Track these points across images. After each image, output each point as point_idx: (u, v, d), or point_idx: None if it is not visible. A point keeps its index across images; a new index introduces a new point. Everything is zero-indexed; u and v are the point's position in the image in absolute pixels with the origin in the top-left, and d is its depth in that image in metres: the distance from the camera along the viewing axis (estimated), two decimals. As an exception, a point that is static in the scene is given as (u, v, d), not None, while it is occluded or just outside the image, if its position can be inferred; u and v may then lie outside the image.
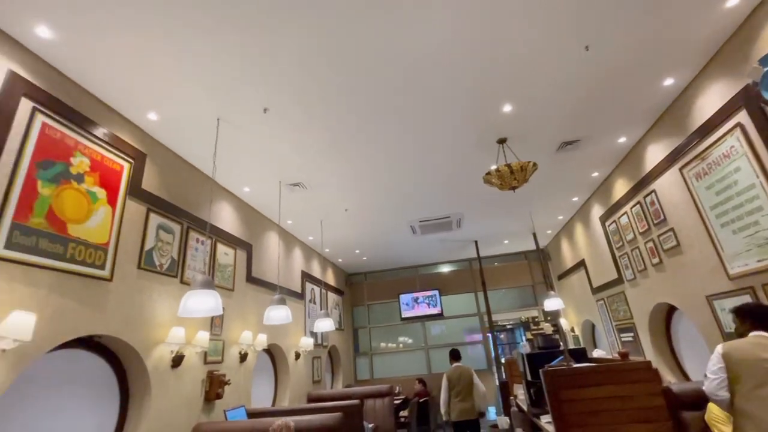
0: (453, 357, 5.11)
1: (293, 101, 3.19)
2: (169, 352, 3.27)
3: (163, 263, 3.41)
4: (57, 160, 2.56)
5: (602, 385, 2.34)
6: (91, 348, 2.84)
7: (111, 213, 2.92)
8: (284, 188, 4.74)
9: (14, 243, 2.22)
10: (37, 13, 2.25)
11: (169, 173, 3.66)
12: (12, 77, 2.35)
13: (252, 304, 4.80)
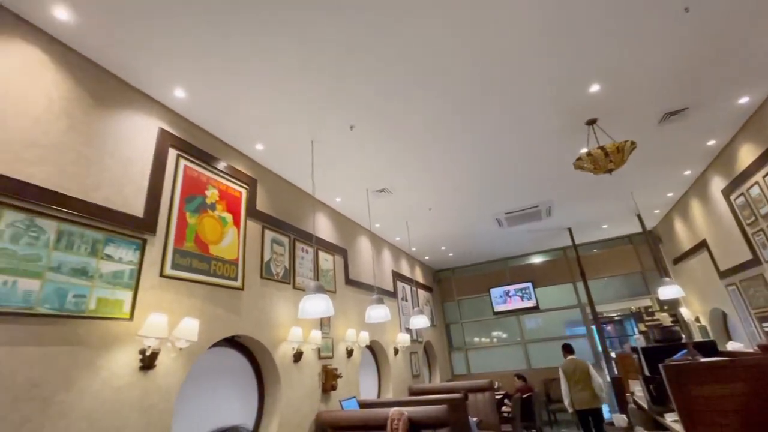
0: (566, 350, 5.35)
1: (375, 114, 3.43)
2: (291, 348, 3.77)
3: (279, 272, 3.93)
4: (197, 194, 3.16)
5: (737, 382, 2.12)
6: (234, 346, 3.42)
7: (237, 233, 3.48)
8: (371, 195, 5.06)
9: (176, 264, 2.81)
10: (176, 80, 2.82)
11: (275, 194, 4.20)
12: (161, 134, 2.96)
13: (352, 304, 5.21)
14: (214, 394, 3.13)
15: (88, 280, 2.22)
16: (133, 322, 2.39)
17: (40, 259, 2.03)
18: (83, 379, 2.09)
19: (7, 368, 1.81)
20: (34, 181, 2.09)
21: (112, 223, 2.42)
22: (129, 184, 2.62)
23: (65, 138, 2.31)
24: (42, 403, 1.90)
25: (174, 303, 2.69)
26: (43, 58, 2.31)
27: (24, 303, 1.93)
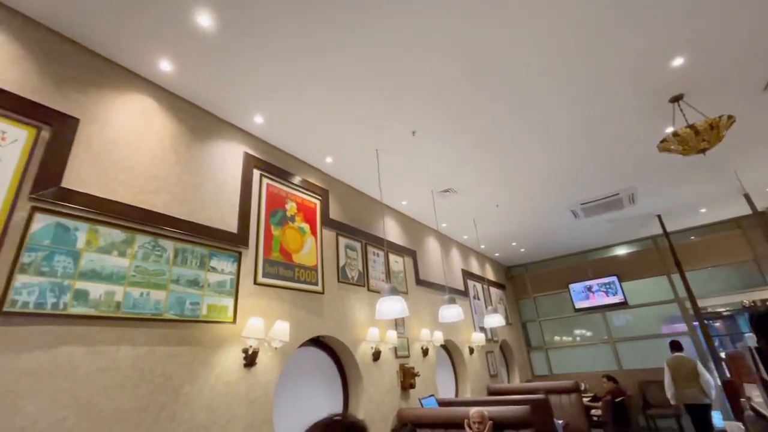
0: (674, 347, 5.26)
1: (436, 117, 3.49)
2: (370, 348, 3.97)
3: (353, 275, 4.16)
4: (279, 208, 3.49)
5: None
6: (319, 345, 3.70)
7: (314, 241, 3.77)
8: (436, 196, 5.10)
9: (266, 272, 3.14)
10: (255, 109, 3.16)
11: (346, 202, 4.45)
12: (246, 157, 3.34)
13: (423, 304, 5.30)
14: (305, 389, 3.42)
15: (199, 289, 2.60)
16: (236, 325, 2.73)
17: (163, 273, 2.44)
18: (202, 374, 2.45)
19: (148, 364, 2.21)
20: (155, 209, 2.51)
21: (214, 240, 2.80)
22: (224, 204, 3.00)
23: (174, 170, 2.73)
24: (173, 393, 2.28)
25: (267, 307, 3.02)
26: (154, 105, 2.76)
27: (155, 310, 2.33)
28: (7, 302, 1.79)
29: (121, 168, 2.43)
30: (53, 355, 1.88)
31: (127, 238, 2.32)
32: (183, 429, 2.25)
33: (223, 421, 2.46)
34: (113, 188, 2.34)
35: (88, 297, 2.06)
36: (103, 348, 2.06)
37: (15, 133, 2.02)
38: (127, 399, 2.08)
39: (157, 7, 2.26)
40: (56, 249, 2.01)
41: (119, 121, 2.51)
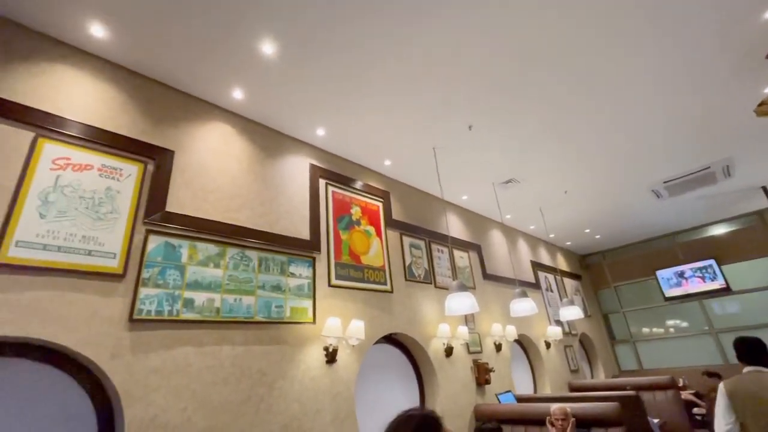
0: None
1: (492, 109, 3.43)
2: (442, 344, 4.01)
3: (420, 273, 4.23)
4: (345, 213, 3.68)
5: None
6: (392, 342, 3.84)
7: (380, 243, 3.91)
8: (498, 188, 4.98)
9: (338, 275, 3.34)
10: (317, 123, 3.38)
11: (407, 202, 4.54)
12: (312, 168, 3.57)
13: (493, 299, 5.21)
14: (382, 384, 3.58)
15: (282, 293, 2.85)
16: (316, 325, 2.95)
17: (251, 280, 2.72)
18: (291, 370, 2.70)
19: (246, 361, 2.49)
20: (239, 224, 2.81)
21: (290, 247, 3.05)
22: (296, 214, 3.25)
23: (253, 187, 3.02)
24: (269, 387, 2.54)
25: (342, 308, 3.21)
26: (231, 130, 3.08)
27: (247, 314, 2.61)
28: (135, 311, 2.14)
29: (210, 190, 2.75)
30: (172, 354, 2.21)
31: (220, 251, 2.64)
32: (279, 420, 2.50)
33: (312, 413, 2.69)
34: (205, 208, 2.67)
35: (194, 304, 2.38)
36: (210, 348, 2.37)
37: (129, 169, 2.40)
38: (232, 392, 2.37)
39: (226, 42, 2.52)
40: (167, 264, 2.36)
41: (205, 148, 2.85)
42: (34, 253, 1.92)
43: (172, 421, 2.09)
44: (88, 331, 1.97)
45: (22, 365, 1.89)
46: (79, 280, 2.02)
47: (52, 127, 2.17)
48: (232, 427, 2.29)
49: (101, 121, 2.39)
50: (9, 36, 2.19)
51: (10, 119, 2.05)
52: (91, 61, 2.48)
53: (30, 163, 2.04)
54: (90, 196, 2.20)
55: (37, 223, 1.97)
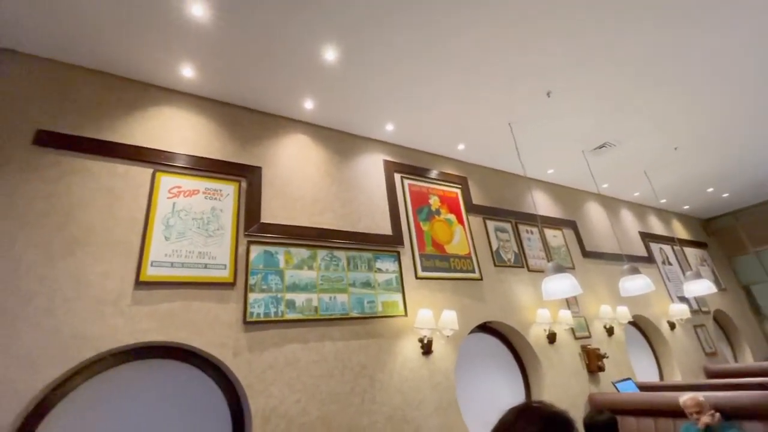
0: None
1: (573, 69, 3.07)
2: (543, 330, 3.76)
3: (509, 258, 4.01)
4: (423, 204, 3.65)
5: None
6: (488, 331, 3.72)
7: (463, 230, 3.80)
8: (589, 155, 4.48)
9: (424, 266, 3.33)
10: (386, 119, 3.40)
11: (487, 184, 4.34)
12: (386, 164, 3.61)
13: (597, 278, 4.72)
14: (483, 374, 3.48)
15: (372, 289, 2.94)
16: (407, 318, 2.99)
17: (342, 279, 2.86)
18: (388, 362, 2.77)
19: (346, 355, 2.63)
20: (324, 226, 2.97)
21: (375, 244, 3.12)
22: (376, 211, 3.31)
23: (331, 190, 3.17)
24: (370, 379, 2.65)
25: (432, 299, 3.20)
26: (307, 140, 3.26)
27: (342, 311, 2.75)
28: (248, 315, 2.39)
29: (296, 198, 2.95)
30: (283, 351, 2.43)
31: (311, 254, 2.81)
32: (384, 410, 2.59)
33: (415, 403, 2.73)
34: (293, 216, 2.87)
35: (295, 305, 2.58)
36: (313, 344, 2.55)
37: (227, 189, 2.69)
38: (337, 384, 2.52)
39: (292, 58, 2.66)
40: (268, 270, 2.59)
41: (286, 160, 3.06)
42: (164, 270, 2.26)
43: (289, 411, 2.30)
44: (213, 333, 2.26)
45: (168, 365, 2.24)
46: (200, 291, 2.33)
47: (164, 162, 2.53)
48: (342, 416, 2.44)
49: (200, 150, 2.71)
50: (122, 90, 2.61)
51: (134, 160, 2.44)
52: (185, 99, 2.82)
53: (152, 195, 2.41)
54: (200, 216, 2.51)
55: (163, 245, 2.32)
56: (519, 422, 0.69)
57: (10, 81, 2.27)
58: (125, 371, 2.12)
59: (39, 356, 1.83)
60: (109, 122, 2.48)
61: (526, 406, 0.73)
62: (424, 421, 2.71)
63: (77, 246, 2.10)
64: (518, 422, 0.69)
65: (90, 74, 2.54)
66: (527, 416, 0.69)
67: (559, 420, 0.68)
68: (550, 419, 0.68)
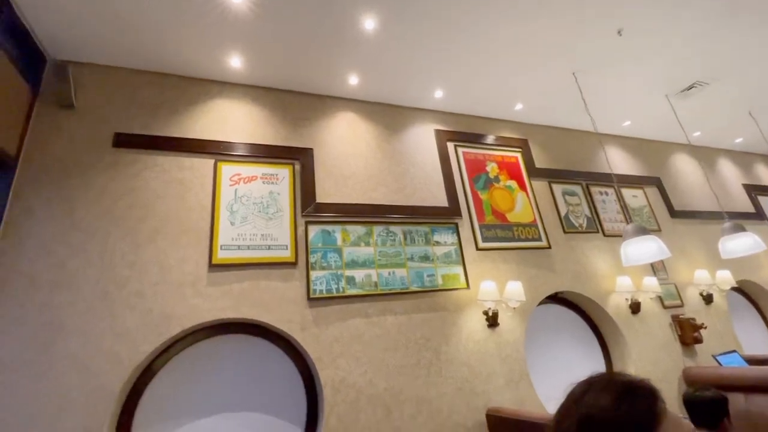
0: None
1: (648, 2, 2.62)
2: (624, 299, 3.42)
3: (581, 223, 3.68)
4: (480, 173, 3.46)
5: None
6: (558, 302, 3.48)
7: (526, 196, 3.54)
8: (674, 99, 3.87)
9: (485, 237, 3.18)
10: (434, 86, 3.23)
11: (550, 145, 3.98)
12: (437, 134, 3.46)
13: (689, 240, 4.15)
14: (557, 346, 3.28)
15: (431, 262, 2.88)
16: (470, 290, 2.89)
17: (400, 254, 2.83)
18: (453, 335, 2.72)
19: (409, 329, 2.62)
20: (378, 202, 2.94)
21: (431, 217, 3.04)
22: (431, 183, 3.21)
23: (383, 165, 3.12)
24: (435, 352, 2.62)
25: (495, 270, 3.06)
26: (354, 116, 3.23)
27: (402, 285, 2.73)
28: (311, 292, 2.48)
29: (348, 176, 2.96)
30: (347, 326, 2.49)
31: (367, 231, 2.82)
32: (451, 382, 2.57)
33: (483, 375, 2.66)
34: (347, 193, 2.89)
35: (355, 281, 2.62)
36: (375, 318, 2.58)
37: (282, 173, 2.77)
38: (402, 357, 2.53)
39: (333, 35, 2.60)
40: (327, 249, 2.65)
41: (336, 139, 3.07)
42: (232, 253, 2.41)
43: (357, 382, 2.37)
44: (280, 310, 2.39)
45: (246, 339, 2.42)
46: (266, 270, 2.45)
47: (224, 152, 2.67)
48: (409, 388, 2.46)
49: (254, 137, 2.82)
50: (181, 89, 2.77)
51: (197, 152, 2.61)
52: (237, 90, 2.93)
53: (216, 183, 2.56)
54: (259, 201, 2.63)
55: (229, 229, 2.47)
56: (588, 394, 0.59)
57: (89, 91, 2.53)
58: (210, 344, 2.34)
59: (136, 333, 2.08)
60: (173, 119, 2.66)
61: (597, 376, 0.62)
62: (495, 394, 2.64)
63: (157, 234, 2.31)
64: (587, 394, 0.59)
65: (153, 77, 2.73)
66: (597, 387, 0.59)
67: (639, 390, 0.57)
68: (625, 389, 0.57)
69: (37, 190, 2.19)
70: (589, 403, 0.57)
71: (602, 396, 0.56)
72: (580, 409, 0.58)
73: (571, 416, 0.58)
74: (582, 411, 0.57)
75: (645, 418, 0.54)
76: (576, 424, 0.56)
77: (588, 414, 0.56)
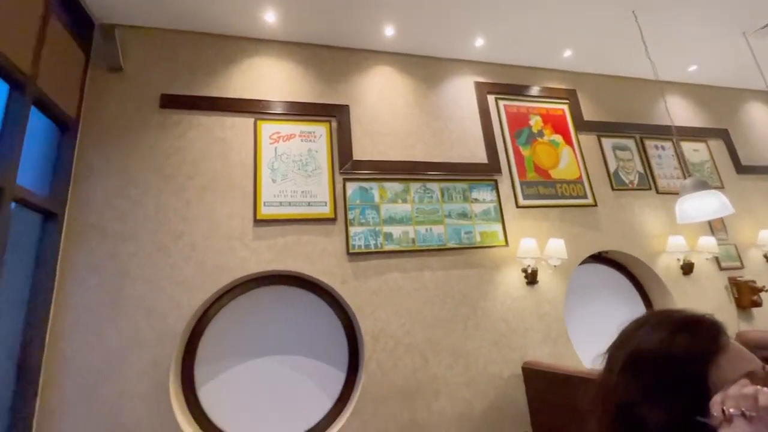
0: None
1: None
2: (675, 260, 3.24)
3: (632, 179, 3.45)
4: (522, 127, 3.29)
5: None
6: (603, 261, 3.36)
7: (572, 151, 3.35)
8: (753, 39, 3.39)
9: (526, 194, 3.07)
10: (474, 33, 3.03)
11: (601, 95, 3.68)
12: (477, 86, 3.29)
13: (757, 198, 3.79)
14: (599, 306, 3.21)
15: (468, 220, 2.85)
16: (509, 248, 2.85)
17: (437, 211, 2.81)
18: (490, 291, 2.73)
19: (447, 284, 2.66)
20: (416, 159, 2.90)
21: (469, 173, 2.97)
22: (469, 138, 3.10)
23: (421, 120, 3.04)
24: (472, 307, 2.65)
25: (536, 228, 2.97)
26: (391, 70, 3.12)
27: (439, 242, 2.74)
28: (350, 247, 2.55)
29: (385, 132, 2.92)
30: (385, 279, 2.56)
31: (405, 188, 2.81)
32: (487, 336, 2.61)
33: (520, 331, 2.68)
34: (384, 150, 2.86)
35: (393, 237, 2.66)
36: (413, 273, 2.63)
37: (319, 130, 2.78)
38: (439, 311, 2.59)
39: (369, -20, 2.48)
40: (364, 205, 2.68)
41: (372, 94, 3.00)
42: (275, 209, 2.50)
43: (396, 333, 2.47)
44: (322, 263, 2.48)
45: (290, 291, 2.56)
46: (307, 226, 2.54)
47: (263, 110, 2.70)
48: (447, 340, 2.53)
49: (291, 95, 2.82)
50: (219, 47, 2.79)
51: (237, 111, 2.66)
52: (273, 47, 2.90)
53: (257, 141, 2.62)
54: (298, 159, 2.67)
55: (271, 186, 2.55)
56: (642, 329, 0.55)
57: (135, 54, 2.61)
58: (258, 294, 2.51)
59: (193, 281, 2.26)
60: (212, 79, 2.71)
61: (654, 312, 0.58)
62: (532, 349, 2.66)
63: (205, 191, 2.44)
64: (640, 329, 0.56)
65: (192, 37, 2.76)
66: (653, 322, 0.55)
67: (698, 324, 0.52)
68: (683, 323, 0.53)
69: (97, 149, 2.35)
70: (642, 337, 0.55)
71: (657, 330, 0.53)
72: (630, 344, 0.55)
73: (620, 352, 0.56)
74: (633, 345, 0.55)
75: (702, 350, 0.51)
76: (624, 358, 0.54)
77: (638, 348, 0.54)
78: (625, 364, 0.55)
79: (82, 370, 2.00)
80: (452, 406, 2.42)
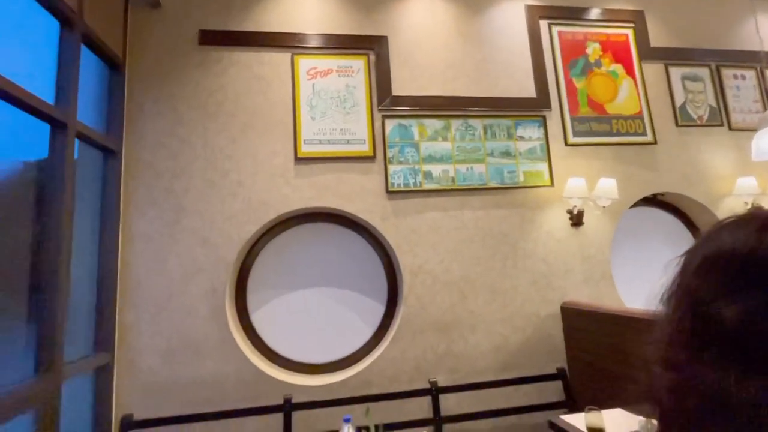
0: None
1: None
2: (742, 203, 2.97)
3: (702, 114, 3.09)
4: (578, 56, 2.99)
5: None
6: (656, 205, 3.15)
7: (633, 83, 3.02)
8: None
9: (576, 131, 2.86)
10: (527, -57, 2.67)
11: (674, 16, 3.22)
12: (528, 10, 2.97)
13: None
14: (649, 253, 3.07)
15: (512, 159, 2.72)
16: (554, 188, 2.72)
17: (479, 149, 2.71)
18: (532, 231, 2.67)
19: (487, 224, 2.62)
20: (458, 94, 2.75)
21: (515, 109, 2.79)
22: (517, 71, 2.87)
23: (465, 51, 2.83)
24: (512, 247, 2.62)
25: (585, 167, 2.80)
26: None
27: (480, 181, 2.66)
28: (389, 185, 2.54)
29: (425, 66, 2.76)
30: (423, 218, 2.57)
31: (445, 125, 2.70)
32: (526, 275, 2.60)
33: (560, 272, 2.64)
34: (424, 85, 2.73)
35: (432, 176, 2.61)
36: (453, 212, 2.61)
37: (356, 64, 2.68)
38: (478, 249, 2.59)
39: None
40: (403, 143, 2.63)
41: (412, 24, 2.81)
42: (314, 147, 2.51)
43: (435, 269, 2.51)
44: (362, 201, 2.51)
45: (331, 227, 2.64)
46: (346, 164, 2.54)
47: (299, 44, 2.62)
48: (484, 277, 2.55)
49: (327, 27, 2.69)
50: (254, -24, 2.67)
51: (273, 47, 2.60)
52: (307, -26, 2.74)
53: (294, 78, 2.58)
54: (336, 95, 2.62)
55: (310, 124, 2.54)
56: (725, 231, 0.49)
57: (171, -12, 2.56)
58: (302, 230, 2.61)
59: (241, 216, 2.38)
60: (247, 14, 2.63)
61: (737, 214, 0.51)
62: (572, 290, 2.63)
63: (248, 129, 2.48)
64: (724, 231, 0.49)
65: (225, -34, 2.65)
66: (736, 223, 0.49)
67: None
68: None
69: (145, 89, 2.42)
70: (722, 238, 0.49)
71: (742, 227, 0.47)
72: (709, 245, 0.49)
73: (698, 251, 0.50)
74: (711, 246, 0.49)
75: None
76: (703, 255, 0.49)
77: (718, 248, 0.48)
78: (703, 261, 0.49)
79: (152, 291, 2.23)
80: (488, 339, 2.50)
